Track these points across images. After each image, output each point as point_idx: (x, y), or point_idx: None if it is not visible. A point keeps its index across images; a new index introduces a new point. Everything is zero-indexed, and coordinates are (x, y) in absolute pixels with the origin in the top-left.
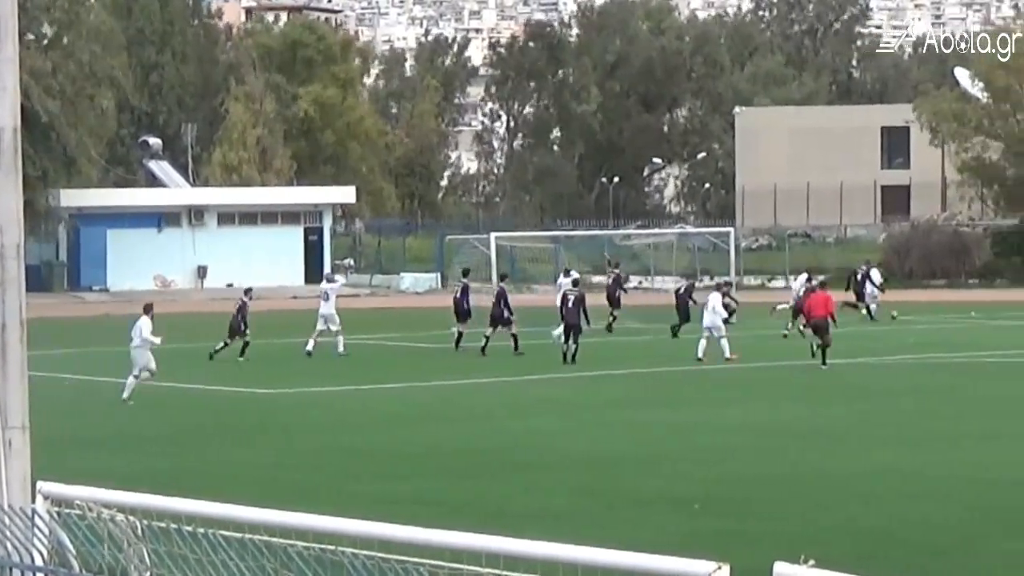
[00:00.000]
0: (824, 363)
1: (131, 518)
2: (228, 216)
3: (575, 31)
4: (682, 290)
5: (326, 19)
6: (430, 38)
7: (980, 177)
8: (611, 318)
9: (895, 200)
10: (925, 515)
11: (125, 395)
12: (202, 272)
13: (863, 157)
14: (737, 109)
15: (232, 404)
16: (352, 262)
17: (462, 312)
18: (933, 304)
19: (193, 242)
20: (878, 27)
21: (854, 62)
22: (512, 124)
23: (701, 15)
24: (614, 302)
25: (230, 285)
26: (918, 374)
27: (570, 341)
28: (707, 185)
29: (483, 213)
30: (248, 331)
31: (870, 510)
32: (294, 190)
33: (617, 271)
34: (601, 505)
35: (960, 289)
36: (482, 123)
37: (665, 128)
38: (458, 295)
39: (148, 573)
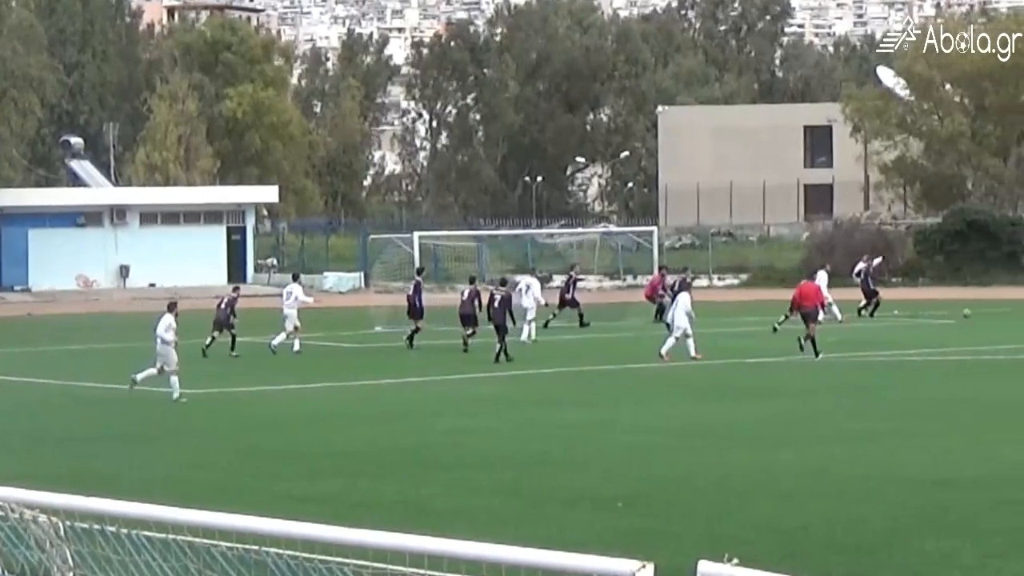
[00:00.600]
0: (816, 354)
1: (53, 519)
2: (150, 216)
3: (498, 30)
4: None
5: (248, 18)
6: (350, 36)
7: (902, 176)
8: (551, 316)
9: (818, 199)
10: (848, 514)
11: (176, 395)
12: (124, 272)
13: (786, 156)
14: (660, 108)
15: (156, 404)
16: (275, 261)
17: (415, 310)
18: (856, 303)
19: (115, 242)
20: (800, 26)
21: (777, 61)
22: (435, 124)
23: (623, 14)
24: (565, 302)
25: (152, 285)
26: (841, 372)
27: (496, 340)
28: (630, 184)
29: (406, 212)
30: (235, 325)
31: (793, 509)
32: (216, 189)
33: (573, 272)
34: (525, 504)
35: (883, 288)
36: (404, 123)
37: (588, 127)
38: (411, 292)
39: (71, 574)
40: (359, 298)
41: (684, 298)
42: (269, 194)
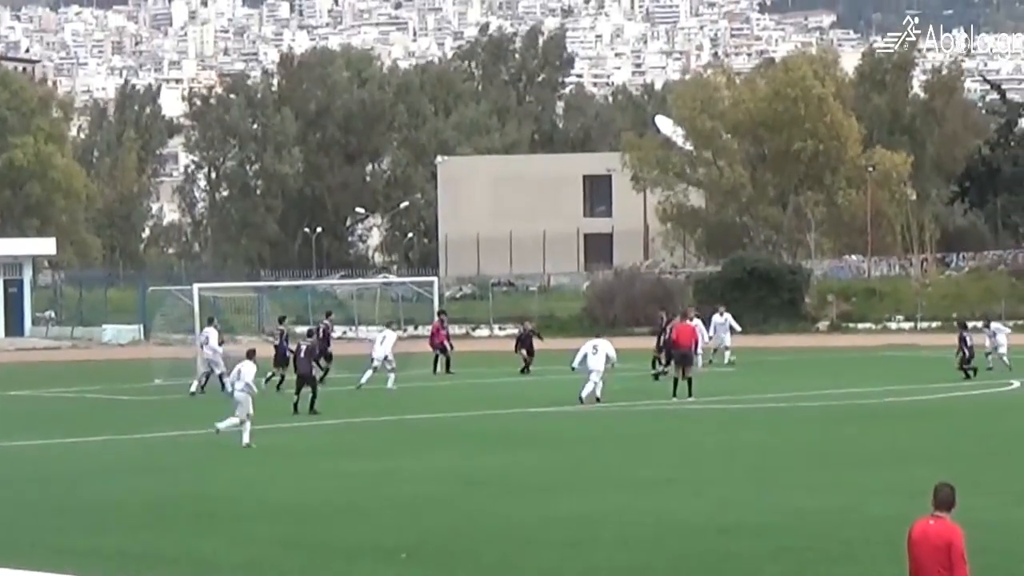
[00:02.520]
0: (691, 395)
1: None
2: None
3: (275, 81)
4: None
5: (24, 69)
6: (126, 88)
7: (682, 225)
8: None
9: (598, 248)
10: (629, 562)
11: (246, 440)
12: None
13: (565, 205)
14: (439, 158)
15: None
16: (53, 314)
17: (281, 358)
18: (637, 351)
19: None
20: (580, 76)
21: (558, 111)
22: (214, 176)
23: (403, 64)
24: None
25: None
26: (624, 421)
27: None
28: (410, 235)
29: (186, 264)
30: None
31: (575, 557)
32: None
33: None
34: (308, 556)
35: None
36: (183, 175)
37: (367, 178)
38: (277, 342)
39: None
40: (138, 351)
41: (606, 344)
42: (47, 246)
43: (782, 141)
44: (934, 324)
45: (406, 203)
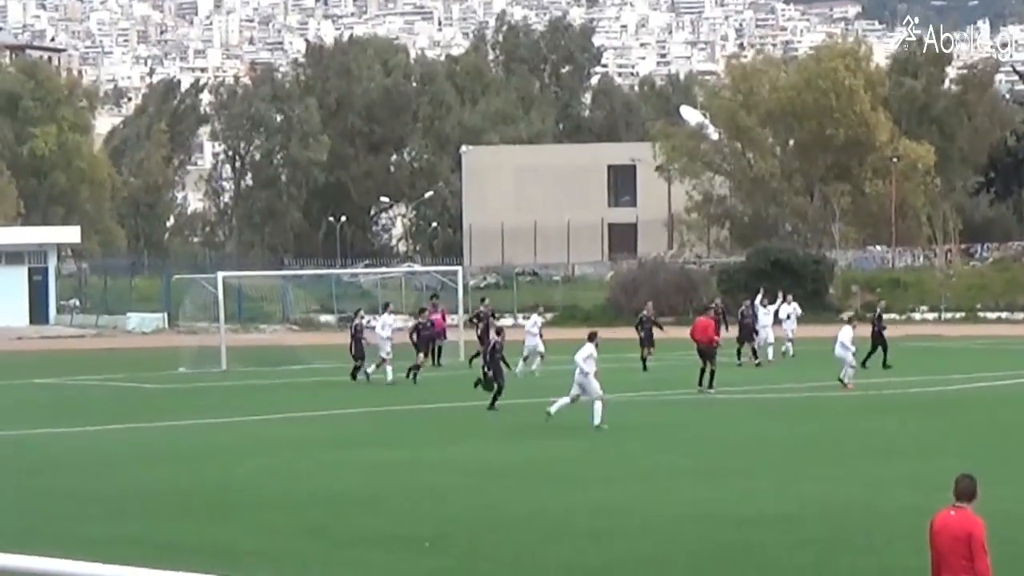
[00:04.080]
0: (711, 387)
1: None
2: None
3: (302, 72)
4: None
5: (49, 58)
6: (157, 79)
7: (708, 215)
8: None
9: (622, 238)
10: (651, 553)
11: (597, 421)
12: None
13: (590, 195)
14: (463, 148)
15: None
16: (78, 302)
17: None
18: (661, 341)
19: None
20: (605, 66)
21: (585, 100)
22: (239, 165)
23: (430, 54)
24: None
25: None
26: (645, 411)
27: None
28: (434, 224)
29: (211, 253)
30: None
31: (596, 548)
32: (18, 230)
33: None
34: (331, 545)
35: (688, 327)
36: (212, 163)
37: (392, 168)
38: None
39: None
40: (163, 339)
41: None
42: (72, 235)
43: (811, 131)
44: (958, 315)
45: (430, 192)
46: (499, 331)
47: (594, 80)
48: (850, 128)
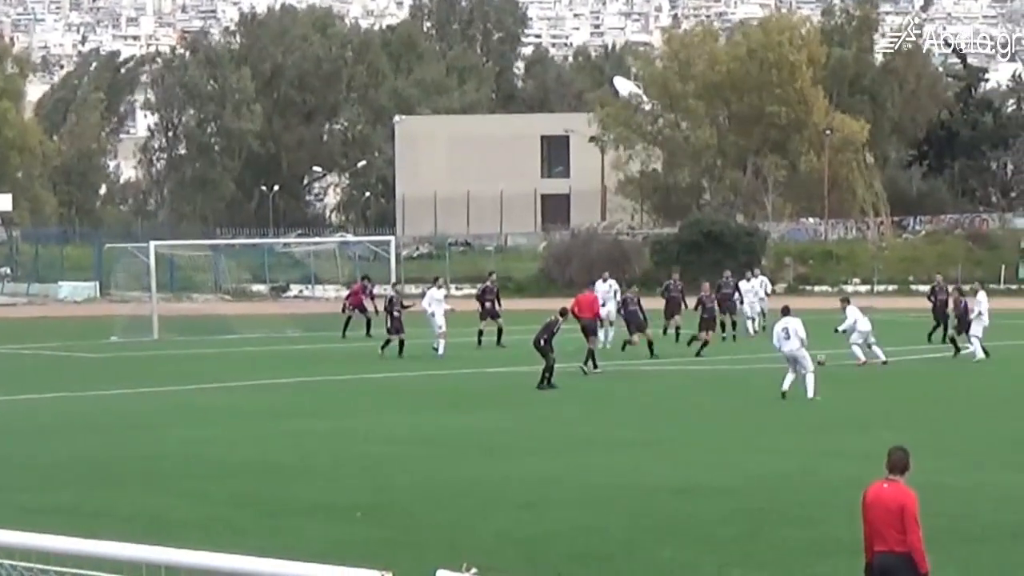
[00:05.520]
0: (596, 367)
1: None
2: None
3: (236, 40)
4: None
5: None
6: (89, 47)
7: (641, 186)
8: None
9: (555, 209)
10: (586, 522)
11: (811, 394)
12: None
13: (523, 166)
14: (397, 118)
15: None
16: (8, 271)
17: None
18: None
19: None
20: (538, 36)
21: (518, 71)
22: (172, 134)
23: (364, 24)
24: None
25: None
26: (582, 382)
27: None
28: (367, 194)
29: (143, 222)
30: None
31: (531, 517)
32: None
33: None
34: (261, 514)
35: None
36: (147, 132)
37: (325, 137)
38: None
39: None
40: (95, 308)
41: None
42: (3, 203)
43: (750, 104)
44: (890, 287)
45: (364, 162)
46: (563, 312)
47: (527, 51)
48: (788, 105)
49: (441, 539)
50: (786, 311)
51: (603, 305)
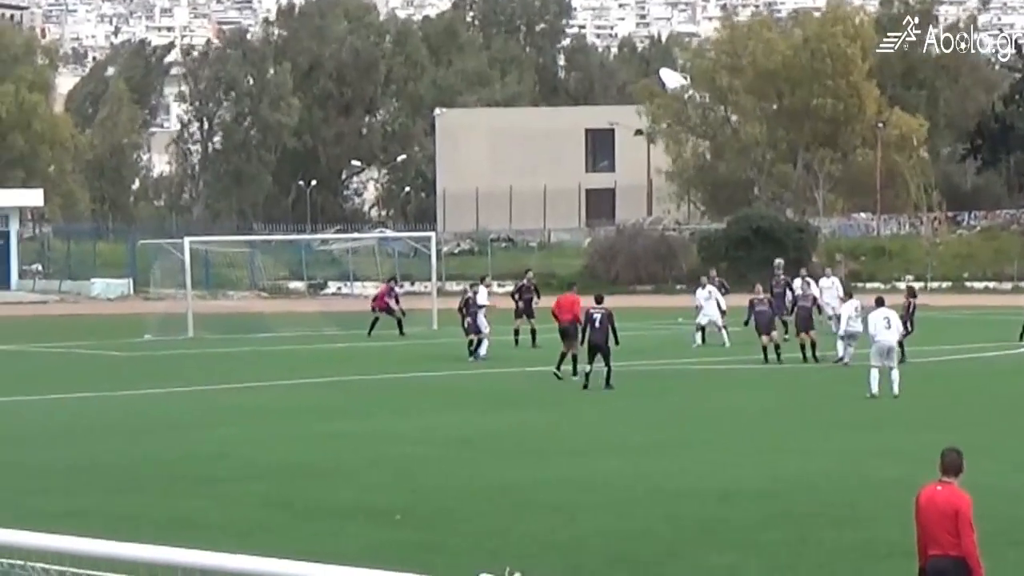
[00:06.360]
0: (574, 373)
1: None
2: None
3: (273, 32)
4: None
5: (11, 16)
6: (122, 38)
7: (689, 180)
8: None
9: (600, 204)
10: (626, 527)
11: (896, 390)
12: None
13: (567, 160)
14: (437, 110)
15: None
16: (40, 268)
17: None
18: (639, 310)
19: None
20: (582, 27)
21: (560, 62)
22: (207, 128)
23: (402, 15)
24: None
25: None
26: (620, 381)
27: None
28: (407, 189)
29: (177, 217)
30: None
31: (572, 522)
32: None
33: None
34: (297, 516)
35: (666, 295)
36: (177, 125)
37: (364, 131)
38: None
39: None
40: (128, 305)
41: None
42: (34, 198)
43: (802, 97)
44: (944, 284)
45: (403, 156)
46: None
47: (569, 42)
48: (840, 98)
49: (478, 543)
50: (880, 302)
51: (699, 308)
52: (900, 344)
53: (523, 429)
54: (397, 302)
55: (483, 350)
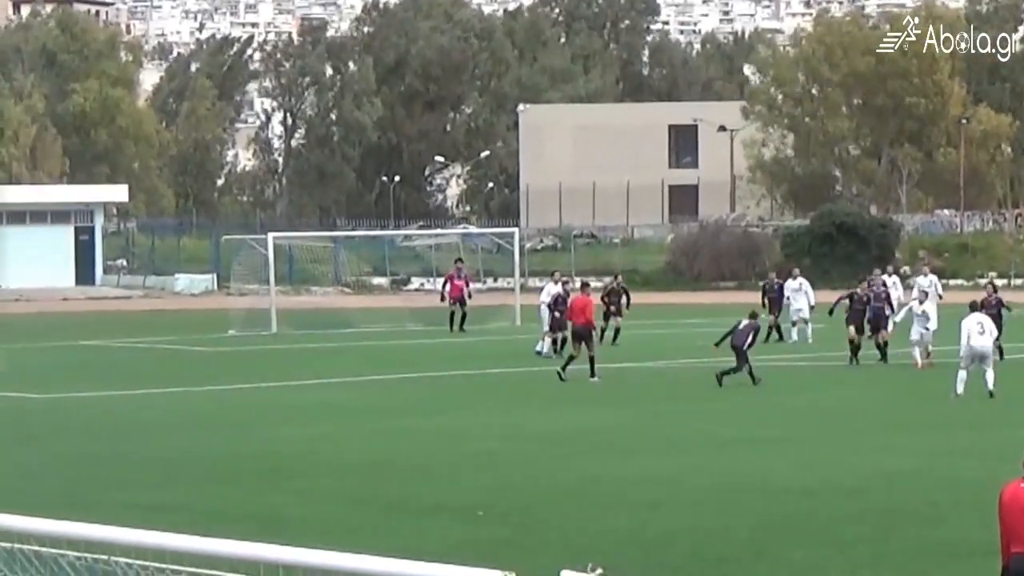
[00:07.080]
0: (592, 375)
1: None
2: None
3: (356, 27)
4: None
5: (96, 12)
6: (207, 35)
7: (773, 174)
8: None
9: (682, 200)
10: (708, 523)
11: (991, 385)
12: None
13: (650, 156)
14: (521, 107)
15: None
16: (125, 263)
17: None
18: (722, 306)
19: None
20: (666, 23)
21: (644, 58)
22: (291, 123)
23: (486, 10)
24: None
25: None
26: (700, 378)
27: None
28: (490, 185)
29: (261, 213)
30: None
31: (655, 518)
32: (64, 188)
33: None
34: (378, 513)
35: (750, 291)
36: (260, 121)
37: (447, 127)
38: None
39: None
40: (212, 300)
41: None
42: (119, 193)
43: (889, 94)
44: None
45: (487, 152)
46: (753, 315)
47: (653, 37)
48: (926, 96)
49: (561, 539)
50: (975, 306)
51: (787, 303)
52: (999, 347)
53: (605, 425)
54: (468, 285)
55: (542, 347)
